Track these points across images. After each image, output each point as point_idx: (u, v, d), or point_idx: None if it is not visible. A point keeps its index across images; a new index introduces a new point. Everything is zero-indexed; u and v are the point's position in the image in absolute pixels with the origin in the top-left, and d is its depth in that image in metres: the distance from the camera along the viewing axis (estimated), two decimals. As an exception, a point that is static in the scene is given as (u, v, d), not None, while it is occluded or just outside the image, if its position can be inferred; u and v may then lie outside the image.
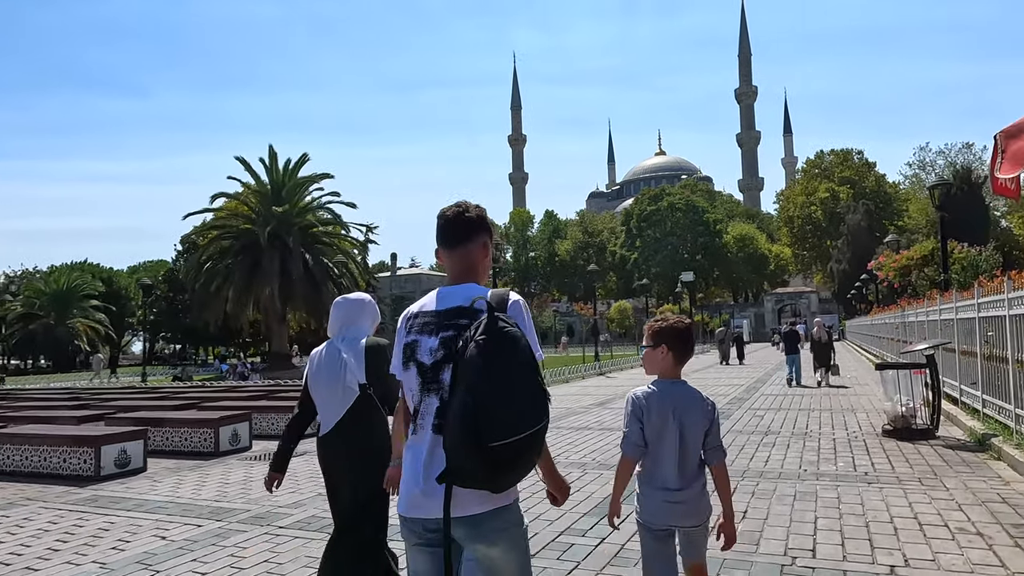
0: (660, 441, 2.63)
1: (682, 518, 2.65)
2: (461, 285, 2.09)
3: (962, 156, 60.17)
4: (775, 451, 7.94)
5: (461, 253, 2.13)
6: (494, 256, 2.43)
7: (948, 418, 9.73)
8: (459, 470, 1.78)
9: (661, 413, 2.64)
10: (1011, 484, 5.92)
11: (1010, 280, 7.22)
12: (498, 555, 1.95)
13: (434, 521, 1.88)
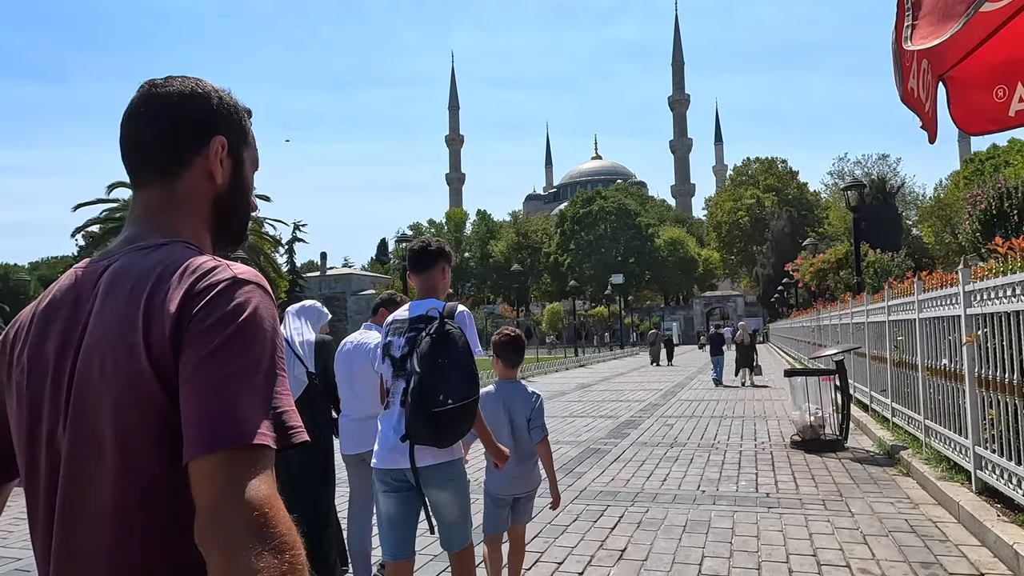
0: (497, 430, 3.08)
1: (518, 489, 3.29)
2: (425, 300, 2.73)
3: (878, 167, 62.85)
4: (676, 467, 7.22)
5: (425, 276, 2.79)
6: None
7: (859, 426, 9.31)
8: (415, 431, 2.49)
9: (494, 408, 3.22)
10: (920, 507, 5.33)
11: (920, 281, 6.72)
12: (445, 498, 2.70)
13: (399, 471, 2.65)
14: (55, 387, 0.88)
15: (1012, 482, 4.45)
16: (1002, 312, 4.49)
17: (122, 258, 0.92)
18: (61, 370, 0.88)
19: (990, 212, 12.72)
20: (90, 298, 0.90)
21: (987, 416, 4.89)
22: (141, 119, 1.00)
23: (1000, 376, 4.54)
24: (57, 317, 0.91)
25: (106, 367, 0.83)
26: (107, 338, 0.85)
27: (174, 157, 0.99)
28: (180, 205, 0.99)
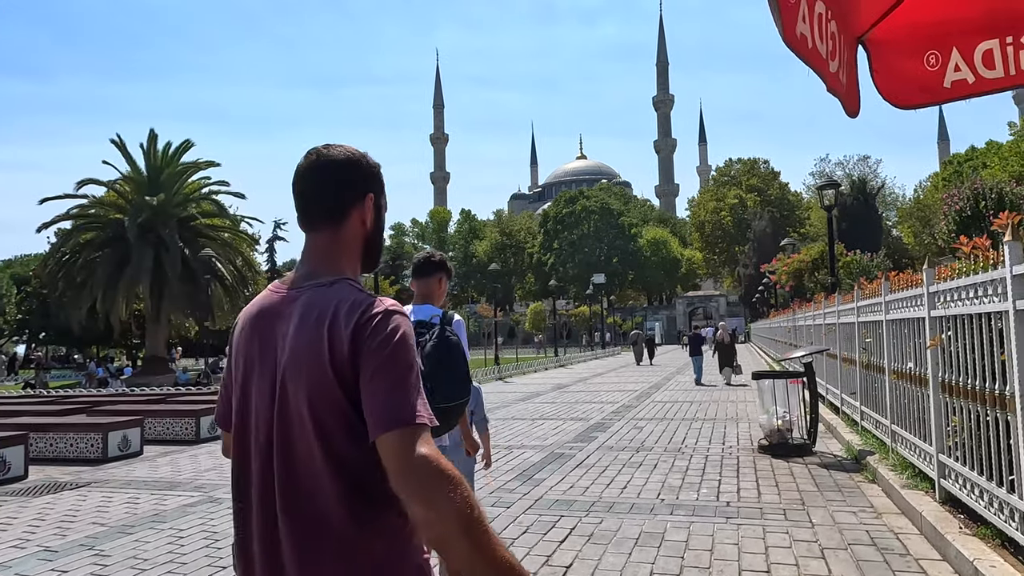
0: None
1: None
2: (425, 306, 3.13)
3: (859, 168, 63.26)
4: (639, 473, 6.98)
5: (424, 283, 3.20)
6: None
7: (829, 429, 9.14)
8: None
9: None
10: (883, 516, 5.12)
11: (887, 282, 6.52)
12: None
13: None
14: (260, 377, 1.23)
15: (975, 493, 4.24)
16: (965, 314, 4.28)
17: (308, 292, 1.24)
18: (265, 365, 1.23)
19: (965, 213, 12.65)
20: (286, 318, 1.24)
21: (950, 423, 4.68)
22: (314, 179, 1.31)
23: (963, 381, 4.33)
24: (261, 327, 1.27)
25: (302, 373, 1.16)
26: (302, 353, 1.17)
27: (338, 210, 1.30)
28: (343, 246, 1.31)
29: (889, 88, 1.59)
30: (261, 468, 1.22)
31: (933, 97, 1.54)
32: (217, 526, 5.51)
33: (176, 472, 7.98)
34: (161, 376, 26.01)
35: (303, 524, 1.16)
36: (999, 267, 3.69)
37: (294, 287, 1.28)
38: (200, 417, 10.35)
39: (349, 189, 1.31)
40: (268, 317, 1.28)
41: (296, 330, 1.20)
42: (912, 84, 1.57)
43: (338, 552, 1.15)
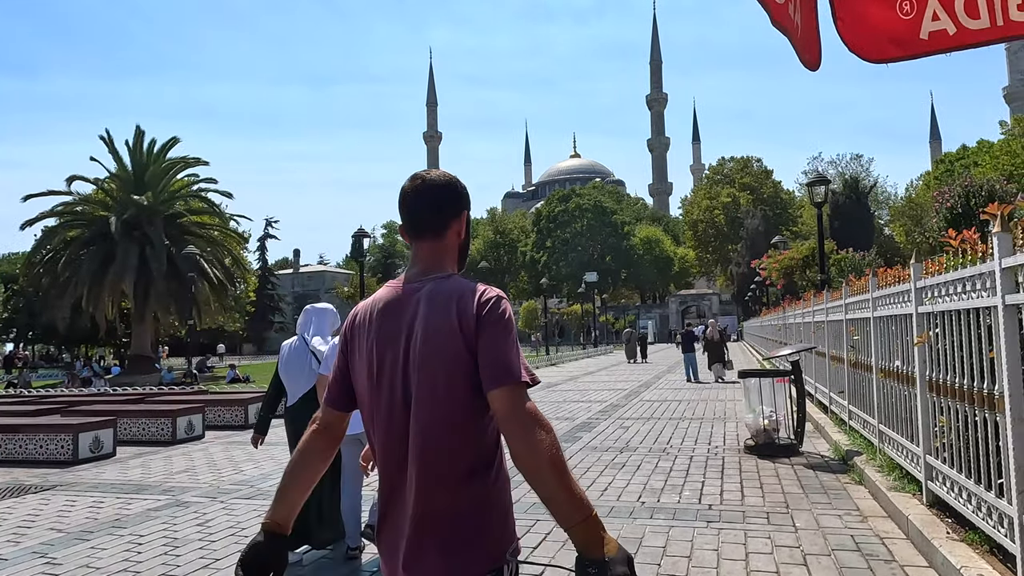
0: None
1: None
2: None
3: (851, 167, 63.29)
4: (621, 475, 6.80)
5: None
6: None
7: (817, 429, 8.98)
8: None
9: None
10: (868, 520, 4.95)
11: (875, 278, 6.36)
12: None
13: None
14: (393, 352, 1.51)
15: (962, 496, 4.07)
16: (952, 310, 4.11)
17: (429, 284, 1.54)
18: (397, 343, 1.51)
19: (956, 210, 12.53)
20: (412, 305, 1.52)
21: (938, 423, 4.51)
22: (421, 200, 1.59)
23: (951, 380, 4.16)
24: (391, 314, 1.55)
25: (438, 345, 1.45)
26: (436, 329, 1.46)
27: (441, 224, 1.59)
28: (444, 251, 1.61)
29: (856, 39, 1.38)
30: (394, 422, 1.51)
31: (907, 50, 1.34)
32: (179, 531, 5.29)
33: (146, 475, 7.75)
34: (146, 375, 25.68)
35: (430, 461, 1.46)
36: (988, 260, 3.52)
37: (412, 282, 1.58)
38: (176, 418, 10.11)
39: (449, 208, 1.62)
40: (393, 307, 1.57)
41: (427, 312, 1.50)
42: (882, 35, 1.37)
43: (454, 482, 1.46)
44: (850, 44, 1.37)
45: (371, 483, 3.97)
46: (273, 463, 8.18)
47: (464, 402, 1.45)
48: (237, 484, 7.01)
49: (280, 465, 8.01)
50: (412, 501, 1.46)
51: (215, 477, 7.43)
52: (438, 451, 1.46)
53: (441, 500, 1.45)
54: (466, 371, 1.44)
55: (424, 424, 1.46)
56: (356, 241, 18.54)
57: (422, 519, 1.45)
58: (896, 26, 1.33)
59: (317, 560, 4.65)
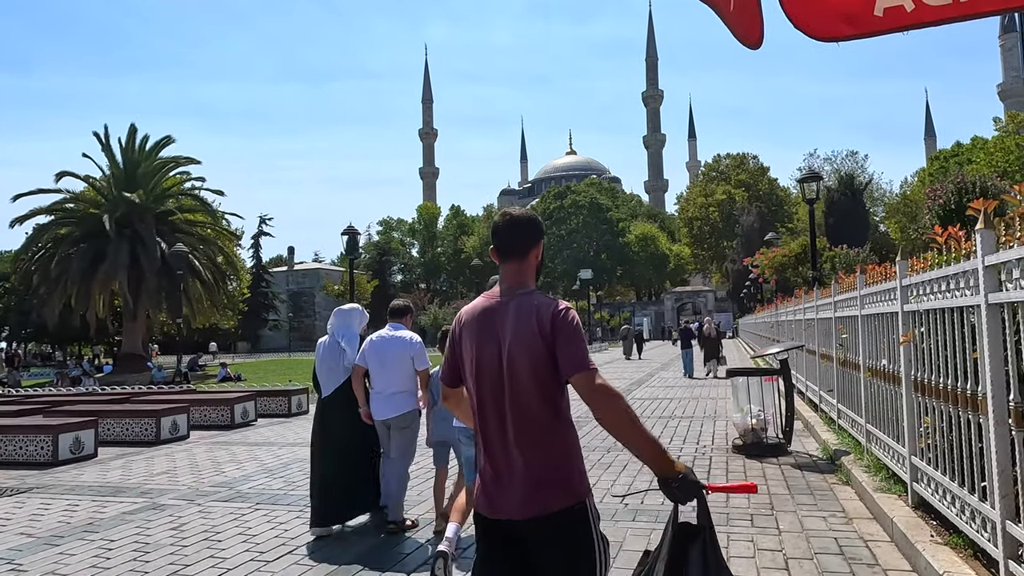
0: None
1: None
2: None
3: (847, 163, 63.26)
4: (607, 475, 6.71)
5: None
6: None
7: (807, 427, 8.90)
8: None
9: None
10: (853, 522, 4.86)
11: (862, 275, 6.26)
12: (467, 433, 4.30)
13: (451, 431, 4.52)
14: (489, 346, 2.05)
15: (947, 499, 3.98)
16: (937, 308, 4.02)
17: (517, 298, 2.08)
18: (492, 339, 2.06)
19: (949, 207, 12.46)
20: (503, 313, 2.07)
21: (923, 424, 4.42)
22: (509, 232, 2.16)
23: (935, 380, 4.07)
24: (489, 318, 2.10)
25: (524, 343, 1.97)
26: (523, 331, 1.99)
27: (525, 251, 2.15)
28: (526, 271, 2.16)
29: (801, 14, 1.26)
30: (494, 396, 2.06)
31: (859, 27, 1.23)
32: (152, 535, 5.18)
33: (126, 476, 7.63)
34: (137, 374, 25.52)
35: (522, 423, 2.01)
36: (971, 258, 3.42)
37: (504, 296, 2.13)
38: (160, 418, 9.98)
39: (531, 238, 2.17)
40: (490, 313, 2.12)
41: (515, 319, 2.04)
42: (832, 10, 1.25)
43: (546, 442, 2.01)
44: (795, 20, 1.26)
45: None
46: (256, 464, 8.07)
47: (543, 383, 2.00)
48: (216, 486, 6.90)
49: (263, 466, 7.91)
50: (511, 454, 2.02)
51: (195, 479, 7.32)
52: (527, 417, 2.01)
53: (531, 453, 2.01)
54: (544, 362, 1.99)
55: (516, 399, 2.02)
56: (350, 239, 18.36)
57: (519, 468, 2.01)
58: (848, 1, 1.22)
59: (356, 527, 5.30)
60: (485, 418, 2.09)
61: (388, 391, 5.00)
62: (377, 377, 5.03)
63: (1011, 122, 46.29)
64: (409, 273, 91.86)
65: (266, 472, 7.54)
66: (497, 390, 2.04)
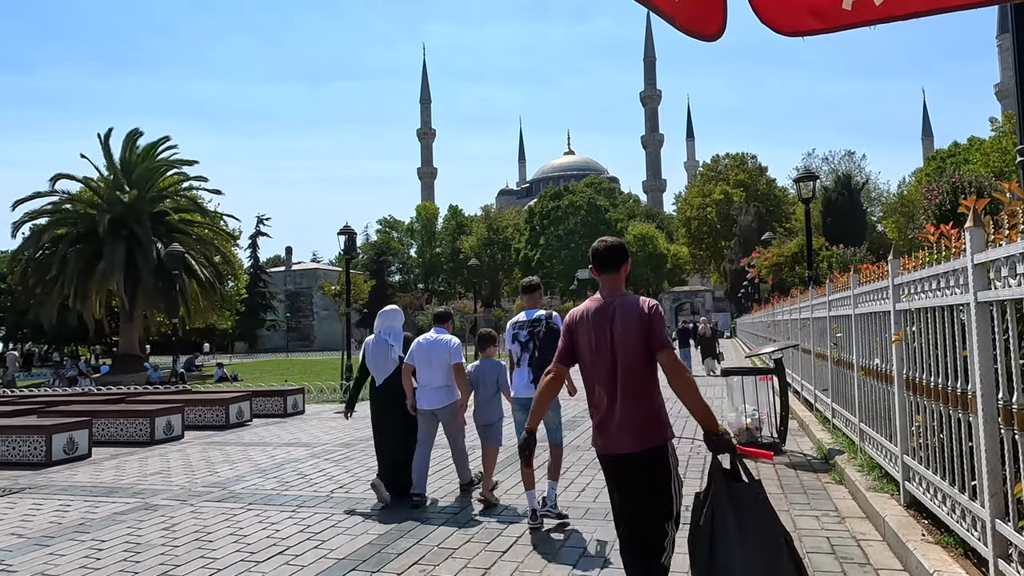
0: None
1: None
2: (533, 310, 5.43)
3: (844, 163, 63.28)
4: (600, 476, 6.66)
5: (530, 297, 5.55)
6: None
7: (802, 426, 8.90)
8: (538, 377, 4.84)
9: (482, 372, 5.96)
10: (846, 521, 4.86)
11: (856, 274, 6.26)
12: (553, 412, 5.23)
13: (528, 399, 4.70)
14: (601, 336, 2.87)
15: (938, 498, 3.97)
16: (928, 307, 4.01)
17: (619, 299, 2.90)
18: (604, 331, 2.86)
19: (944, 207, 12.46)
20: (611, 312, 2.88)
21: (914, 422, 4.42)
22: (608, 253, 3.00)
23: (926, 379, 4.06)
24: (599, 315, 2.90)
25: (629, 329, 2.81)
26: (630, 322, 2.82)
27: (618, 266, 3.00)
28: (619, 280, 3.01)
29: (768, 9, 1.24)
30: (607, 368, 2.85)
31: (827, 21, 1.20)
32: (143, 535, 5.16)
33: (119, 477, 7.60)
34: (133, 374, 25.47)
35: (627, 386, 2.81)
36: (960, 256, 3.42)
37: (608, 299, 2.94)
38: (155, 418, 9.96)
39: (621, 258, 3.03)
40: (601, 311, 2.91)
41: (623, 313, 2.84)
42: (798, 5, 1.23)
43: (643, 400, 2.82)
44: (760, 14, 1.23)
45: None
46: (249, 464, 8.05)
47: (643, 357, 2.81)
48: (209, 487, 6.88)
49: (256, 466, 7.89)
50: (618, 410, 2.83)
51: (188, 479, 7.29)
52: (631, 382, 2.82)
53: (633, 409, 2.83)
54: (644, 341, 2.80)
55: (625, 368, 2.83)
56: (347, 239, 18.31)
57: (625, 419, 2.83)
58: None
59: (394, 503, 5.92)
60: (600, 384, 2.90)
61: (433, 385, 5.90)
62: (424, 374, 5.91)
63: (1008, 122, 46.35)
64: (407, 273, 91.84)
65: (259, 472, 7.52)
66: (610, 363, 2.86)
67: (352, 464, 7.79)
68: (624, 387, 2.81)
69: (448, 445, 6.24)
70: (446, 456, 6.86)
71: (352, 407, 6.66)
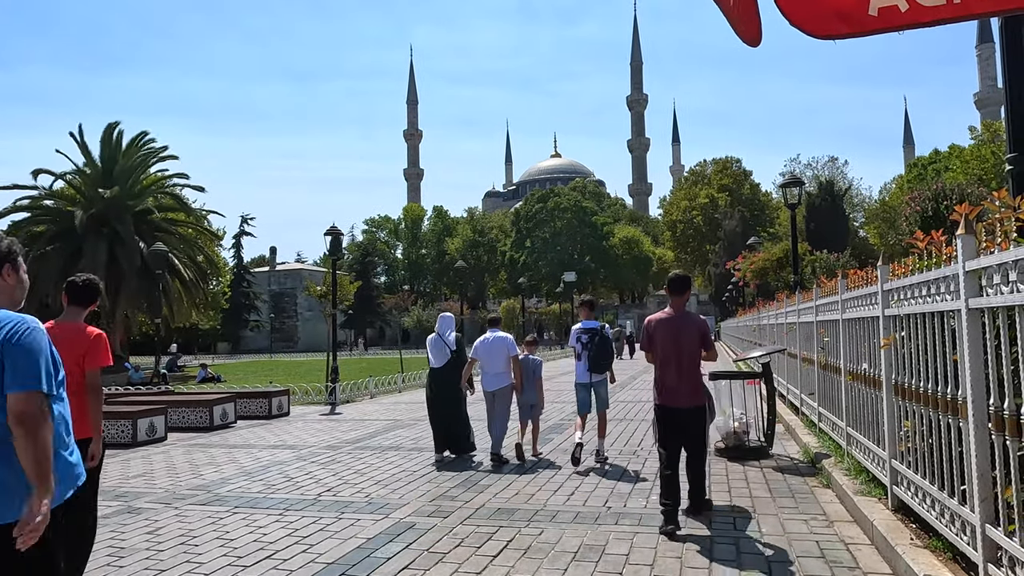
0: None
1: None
2: (590, 321, 7.76)
3: (827, 170, 64.00)
4: (589, 479, 6.69)
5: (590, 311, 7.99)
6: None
7: (788, 430, 8.96)
8: (594, 368, 7.49)
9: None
10: (834, 525, 4.89)
11: (844, 280, 6.31)
12: (602, 391, 7.64)
13: (587, 384, 7.55)
14: (674, 335, 5.26)
15: (926, 502, 4.01)
16: (918, 313, 4.05)
17: (683, 316, 5.34)
18: (672, 334, 5.27)
19: (927, 213, 12.61)
20: (679, 323, 5.30)
21: (903, 427, 4.45)
22: (680, 283, 5.39)
23: (915, 384, 4.10)
24: (671, 323, 5.32)
25: (691, 335, 5.25)
26: (690, 330, 5.27)
27: (685, 291, 5.40)
28: (685, 303, 5.41)
29: (799, 12, 1.26)
30: (676, 355, 5.16)
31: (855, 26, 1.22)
32: (127, 539, 5.07)
33: (101, 479, 7.45)
34: (114, 375, 25.06)
35: (684, 366, 5.16)
36: (952, 263, 3.45)
37: (676, 313, 5.31)
38: (137, 419, 9.81)
39: (689, 287, 5.40)
40: (672, 320, 5.28)
41: (686, 324, 5.23)
42: (828, 9, 1.24)
43: (692, 372, 5.20)
44: (791, 17, 1.25)
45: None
46: (235, 467, 7.95)
47: (696, 351, 5.18)
48: (194, 489, 6.78)
49: (242, 468, 7.80)
50: (680, 379, 5.12)
51: (172, 482, 7.19)
52: (688, 364, 5.14)
53: (688, 380, 5.15)
54: (699, 342, 5.19)
55: (686, 358, 5.14)
56: (333, 240, 18.12)
57: (684, 385, 5.12)
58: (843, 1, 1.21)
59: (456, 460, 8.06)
60: (669, 365, 5.17)
61: (493, 372, 7.85)
62: (486, 363, 7.85)
63: (986, 131, 47.13)
64: (393, 274, 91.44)
65: (245, 475, 7.43)
66: (678, 353, 5.15)
67: (339, 467, 7.72)
68: (682, 367, 5.15)
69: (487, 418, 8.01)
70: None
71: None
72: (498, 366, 7.76)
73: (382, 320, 75.47)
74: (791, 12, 1.25)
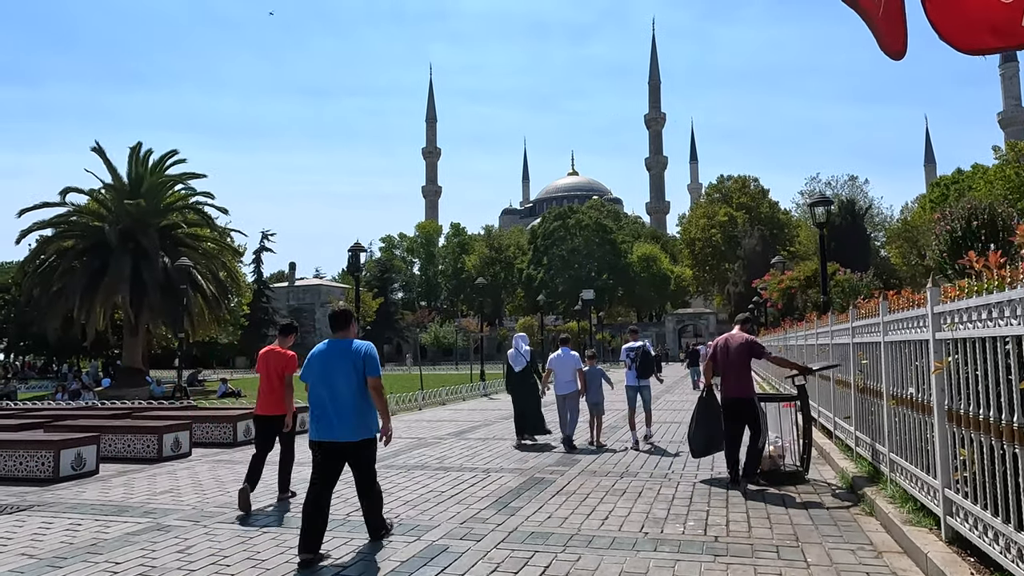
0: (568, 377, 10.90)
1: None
2: (636, 342, 10.78)
3: (847, 188, 63.50)
4: (622, 502, 6.54)
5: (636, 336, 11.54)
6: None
7: (822, 455, 8.74)
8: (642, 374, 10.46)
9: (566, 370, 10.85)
10: (883, 556, 4.71)
11: (885, 301, 6.16)
12: (647, 392, 10.63)
13: (635, 388, 10.57)
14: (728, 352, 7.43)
15: (987, 535, 3.84)
16: (976, 337, 3.91)
17: (728, 337, 7.59)
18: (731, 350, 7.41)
19: (956, 233, 12.38)
20: (733, 343, 7.42)
21: (959, 455, 4.29)
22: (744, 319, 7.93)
23: (974, 411, 3.95)
24: (732, 343, 7.45)
25: (741, 351, 7.37)
26: (744, 348, 7.38)
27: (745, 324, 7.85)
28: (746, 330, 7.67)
29: (948, 26, 1.19)
30: (732, 366, 7.30)
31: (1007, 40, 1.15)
32: (158, 558, 5.01)
33: (128, 495, 7.45)
34: (136, 389, 25.28)
35: (736, 370, 7.31)
36: (1018, 286, 3.33)
37: (739, 335, 7.48)
38: (163, 435, 9.81)
39: (749, 320, 8.00)
40: (733, 340, 7.42)
41: (741, 343, 7.33)
42: (980, 22, 1.18)
43: (744, 375, 7.35)
44: (941, 31, 1.19)
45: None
46: (260, 485, 7.87)
47: (748, 363, 7.36)
48: (221, 507, 6.73)
49: (267, 486, 7.73)
50: (734, 381, 7.28)
51: (199, 499, 7.15)
52: (740, 371, 7.29)
53: (741, 381, 7.29)
54: (749, 356, 7.33)
55: (735, 367, 7.29)
56: (353, 255, 18.22)
57: (735, 384, 7.28)
58: (995, 12, 1.14)
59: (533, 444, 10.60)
60: (728, 373, 7.30)
61: (564, 380, 10.25)
62: (559, 373, 10.31)
63: (1011, 151, 46.49)
64: (409, 291, 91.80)
65: (270, 493, 7.37)
66: (732, 365, 7.27)
67: (366, 486, 7.63)
68: (734, 373, 7.22)
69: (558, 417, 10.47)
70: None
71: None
72: (568, 375, 10.28)
73: (399, 336, 75.63)
74: (942, 27, 1.19)
